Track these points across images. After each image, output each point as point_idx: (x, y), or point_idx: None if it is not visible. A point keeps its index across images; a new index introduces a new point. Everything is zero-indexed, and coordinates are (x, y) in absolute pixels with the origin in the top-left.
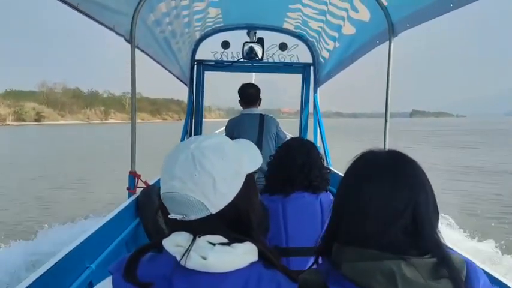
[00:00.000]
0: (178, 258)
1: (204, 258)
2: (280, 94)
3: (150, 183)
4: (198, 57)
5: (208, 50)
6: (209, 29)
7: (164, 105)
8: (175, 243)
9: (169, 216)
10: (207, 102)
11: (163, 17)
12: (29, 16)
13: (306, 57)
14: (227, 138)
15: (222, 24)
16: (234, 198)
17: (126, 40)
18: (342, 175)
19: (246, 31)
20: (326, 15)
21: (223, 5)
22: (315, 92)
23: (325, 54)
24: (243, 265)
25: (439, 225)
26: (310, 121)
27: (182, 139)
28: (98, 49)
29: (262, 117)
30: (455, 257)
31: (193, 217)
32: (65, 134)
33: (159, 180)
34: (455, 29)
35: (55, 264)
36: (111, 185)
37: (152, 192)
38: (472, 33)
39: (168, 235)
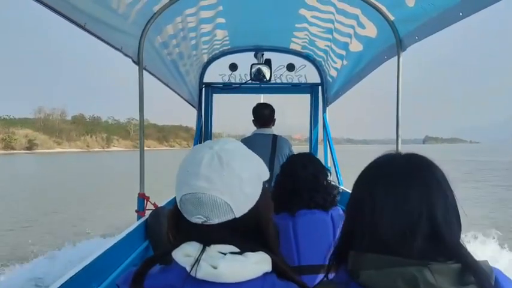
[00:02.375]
0: (188, 268)
1: (215, 268)
2: (290, 120)
3: (159, 205)
4: (206, 80)
5: (216, 73)
6: (217, 51)
7: (172, 132)
8: (184, 253)
9: (191, 219)
10: (218, 128)
11: (170, 39)
12: (33, 40)
13: (314, 76)
14: (241, 143)
15: (229, 47)
16: (255, 205)
17: (134, 62)
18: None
19: (253, 53)
20: (333, 33)
21: (230, 26)
22: (324, 111)
23: (333, 73)
24: (255, 275)
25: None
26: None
27: None
28: (105, 75)
29: (275, 137)
30: (482, 263)
31: (216, 220)
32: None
33: (168, 203)
34: (463, 57)
35: (61, 285)
36: None
37: (161, 215)
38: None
39: (177, 246)
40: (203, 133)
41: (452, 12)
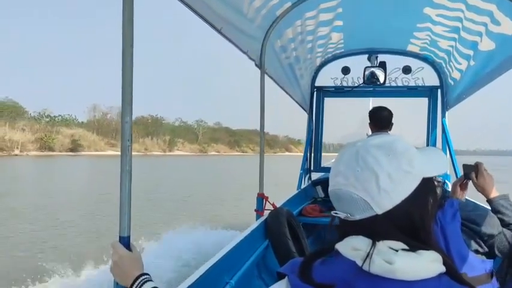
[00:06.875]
0: (359, 262)
1: (390, 263)
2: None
3: (278, 205)
4: (317, 83)
5: (328, 77)
6: (329, 55)
7: (245, 137)
8: (352, 246)
9: (333, 212)
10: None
11: (289, 43)
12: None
13: (430, 79)
14: (400, 137)
15: (342, 50)
16: (403, 202)
17: (256, 65)
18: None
19: (366, 56)
20: (460, 32)
21: (346, 29)
22: (443, 116)
23: (456, 75)
24: (430, 275)
25: None
26: None
27: (303, 166)
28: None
29: None
30: None
31: (358, 216)
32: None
33: (286, 203)
34: None
35: (200, 276)
36: None
37: (280, 215)
38: None
39: (341, 239)
40: (314, 136)
41: None
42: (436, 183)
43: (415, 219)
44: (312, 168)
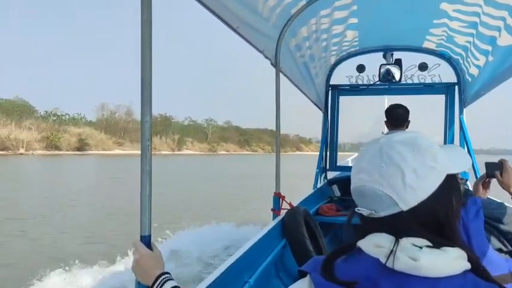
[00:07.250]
0: (382, 259)
1: (415, 260)
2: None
3: (294, 204)
4: (332, 82)
5: (343, 75)
6: (344, 53)
7: (255, 136)
8: (375, 244)
9: (356, 209)
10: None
11: (303, 41)
12: None
13: (446, 76)
14: (422, 133)
15: (357, 48)
16: (428, 198)
17: (272, 64)
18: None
19: (381, 53)
20: (477, 28)
21: (361, 27)
22: (461, 113)
23: (474, 71)
24: (456, 271)
25: None
26: None
27: (319, 165)
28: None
29: None
30: None
31: (382, 213)
32: None
33: (303, 202)
34: None
35: (221, 274)
36: None
37: (297, 214)
38: None
39: (362, 237)
40: (329, 135)
41: None
42: (459, 180)
43: (440, 216)
44: (327, 167)
